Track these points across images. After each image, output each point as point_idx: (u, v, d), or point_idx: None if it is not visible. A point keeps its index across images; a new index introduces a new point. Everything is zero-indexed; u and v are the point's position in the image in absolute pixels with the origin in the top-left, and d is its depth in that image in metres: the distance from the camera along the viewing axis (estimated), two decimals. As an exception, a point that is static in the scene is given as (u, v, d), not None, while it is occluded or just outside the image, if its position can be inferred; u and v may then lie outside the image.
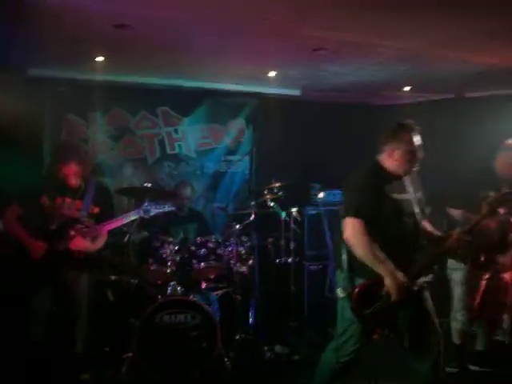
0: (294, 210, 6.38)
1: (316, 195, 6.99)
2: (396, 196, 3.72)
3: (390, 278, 3.56)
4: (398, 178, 3.80)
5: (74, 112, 6.82)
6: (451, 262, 5.12)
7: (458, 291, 5.11)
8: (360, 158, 7.04)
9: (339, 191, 6.99)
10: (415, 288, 3.71)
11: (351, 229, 3.66)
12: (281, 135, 7.69)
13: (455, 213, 4.93)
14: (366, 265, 3.61)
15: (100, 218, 4.83)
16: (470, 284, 5.01)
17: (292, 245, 6.38)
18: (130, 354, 5.07)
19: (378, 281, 3.60)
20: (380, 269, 3.58)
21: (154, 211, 4.94)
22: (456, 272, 5.10)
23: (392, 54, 5.49)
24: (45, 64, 6.06)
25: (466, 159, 5.07)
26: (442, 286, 6.25)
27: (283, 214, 6.29)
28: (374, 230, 3.61)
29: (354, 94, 7.68)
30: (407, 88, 7.31)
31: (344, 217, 3.72)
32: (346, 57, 5.66)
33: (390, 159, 3.79)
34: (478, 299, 5.02)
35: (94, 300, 5.26)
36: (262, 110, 7.75)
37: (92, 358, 5.24)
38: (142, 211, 4.88)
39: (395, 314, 3.67)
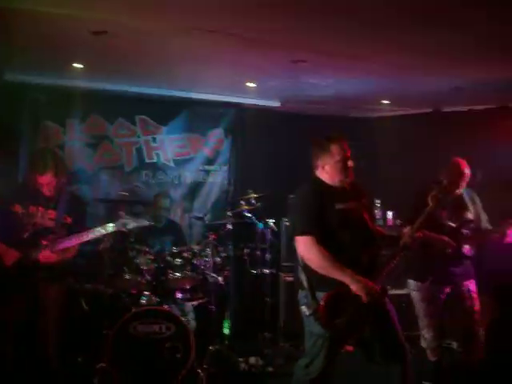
0: (270, 221, 6.39)
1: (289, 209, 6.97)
2: (340, 206, 3.76)
3: (354, 281, 3.57)
4: (337, 188, 3.85)
5: (52, 118, 6.73)
6: (410, 282, 5.16)
7: (420, 310, 5.14)
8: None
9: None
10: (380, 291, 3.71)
11: (302, 246, 3.71)
12: (260, 146, 7.69)
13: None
14: (325, 278, 3.63)
15: (72, 229, 4.74)
16: (431, 301, 5.04)
17: (268, 256, 6.39)
18: (103, 365, 5.01)
19: (340, 291, 3.60)
20: (341, 276, 3.59)
21: (131, 225, 4.88)
22: (415, 291, 5.14)
23: (371, 68, 5.52)
24: (23, 70, 6.01)
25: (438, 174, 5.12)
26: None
27: (260, 225, 6.29)
28: (326, 243, 3.64)
29: (334, 106, 7.71)
30: (386, 101, 7.35)
31: (293, 237, 3.79)
32: (326, 69, 5.69)
33: (323, 173, 3.87)
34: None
35: (67, 310, 5.20)
36: (241, 120, 7.75)
37: (65, 369, 5.17)
38: (120, 224, 4.82)
39: (363, 324, 3.67)
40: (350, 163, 3.84)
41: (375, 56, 5.14)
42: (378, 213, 6.74)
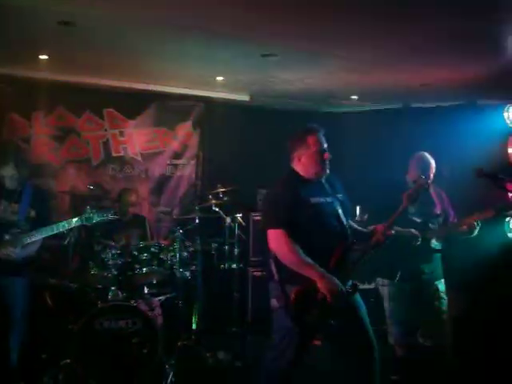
0: (238, 215, 6.37)
1: (262, 201, 6.96)
2: (314, 200, 3.76)
3: (322, 281, 3.56)
4: (312, 181, 3.85)
5: (17, 111, 6.63)
6: (379, 279, 5.20)
7: (387, 307, 5.18)
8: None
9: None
10: (347, 287, 3.71)
11: (273, 239, 3.69)
12: (229, 140, 7.66)
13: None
14: (296, 272, 3.61)
15: (36, 222, 4.68)
16: (399, 298, 5.08)
17: (236, 250, 6.37)
18: (68, 361, 4.95)
19: (310, 285, 3.58)
20: (310, 273, 3.58)
21: (96, 219, 4.81)
22: (383, 288, 5.18)
23: (341, 63, 5.54)
24: (-14, 60, 5.90)
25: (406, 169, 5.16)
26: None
27: (228, 220, 6.27)
28: (298, 237, 3.63)
29: (303, 101, 7.71)
30: (355, 97, 7.38)
31: (264, 229, 3.77)
32: (295, 64, 5.68)
33: (299, 165, 3.86)
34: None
35: (31, 304, 5.13)
36: (209, 114, 7.71)
37: (28, 366, 5.10)
38: (84, 218, 4.76)
39: (332, 319, 3.66)
40: (327, 155, 3.84)
41: (345, 53, 5.15)
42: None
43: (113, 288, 5.31)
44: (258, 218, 6.83)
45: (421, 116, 7.42)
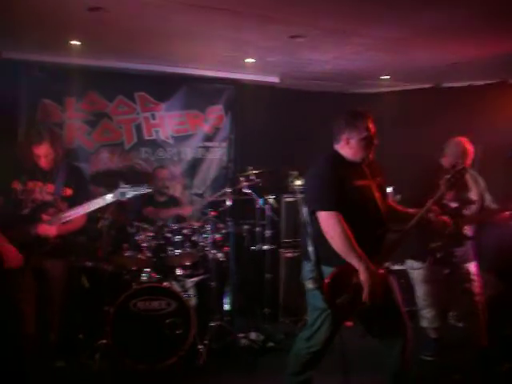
0: (270, 197, 6.39)
1: (293, 183, 6.97)
2: (357, 183, 3.74)
3: (365, 273, 3.54)
4: (356, 165, 3.83)
5: (50, 96, 6.72)
6: (410, 262, 5.17)
7: (420, 290, 5.16)
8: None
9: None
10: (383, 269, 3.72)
11: (327, 221, 3.64)
12: (259, 122, 7.66)
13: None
14: (333, 254, 3.60)
15: (74, 200, 4.68)
16: (431, 281, 5.06)
17: (268, 232, 6.40)
18: (104, 341, 5.06)
19: (346, 269, 3.59)
20: (355, 262, 3.57)
21: (130, 194, 4.78)
22: (414, 271, 5.16)
23: (370, 43, 5.49)
24: (20, 47, 5.98)
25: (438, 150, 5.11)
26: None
27: (260, 202, 6.29)
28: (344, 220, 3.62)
29: (333, 82, 7.67)
30: (385, 77, 7.32)
31: (312, 209, 3.74)
32: (325, 45, 5.65)
33: (346, 147, 3.83)
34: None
35: (68, 286, 5.23)
36: (240, 96, 7.71)
37: (66, 345, 5.22)
38: (118, 193, 4.76)
39: (366, 302, 3.67)
40: (376, 141, 3.83)
41: (374, 31, 5.10)
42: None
43: (147, 270, 5.40)
44: (290, 199, 6.85)
45: (452, 95, 7.32)
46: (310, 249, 3.72)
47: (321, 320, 3.76)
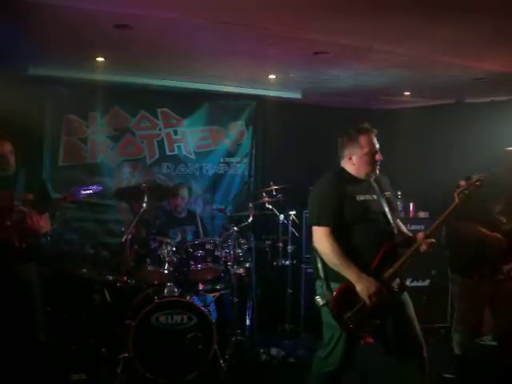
0: (292, 212, 6.40)
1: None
2: (361, 197, 3.74)
3: (359, 283, 3.56)
4: (362, 180, 3.83)
5: (74, 111, 6.82)
6: (453, 275, 5.10)
7: (459, 305, 5.09)
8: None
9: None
10: (394, 288, 3.70)
11: (317, 236, 3.72)
12: (281, 138, 7.70)
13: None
14: None
15: (35, 204, 4.60)
16: (473, 299, 4.97)
17: (290, 247, 6.40)
18: (126, 355, 5.07)
19: (353, 284, 3.60)
20: (348, 274, 3.59)
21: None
22: (454, 286, 5.10)
23: (392, 59, 5.50)
24: (46, 63, 6.06)
25: (460, 166, 5.07)
26: (441, 292, 6.27)
27: (281, 217, 6.30)
28: (344, 234, 3.65)
29: (355, 98, 7.68)
30: (407, 93, 7.32)
31: (310, 225, 3.79)
32: (347, 61, 5.67)
33: (350, 164, 3.84)
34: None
35: (90, 300, 5.28)
36: (262, 112, 7.77)
37: (88, 358, 5.25)
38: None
39: (377, 317, 3.65)
40: (378, 157, 3.82)
41: (399, 48, 5.11)
42: (399, 204, 6.70)
43: (169, 284, 5.41)
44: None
45: (474, 111, 7.29)
46: (319, 265, 3.75)
47: (336, 338, 3.75)
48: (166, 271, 5.44)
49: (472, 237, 4.68)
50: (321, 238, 3.68)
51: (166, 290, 5.38)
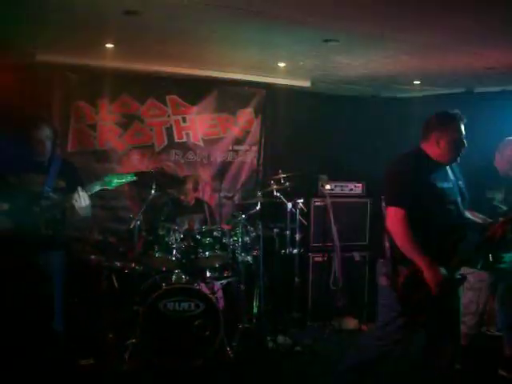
0: (300, 201, 6.39)
1: (323, 187, 6.95)
2: (440, 184, 3.72)
3: (429, 271, 3.54)
4: (441, 166, 3.80)
5: (83, 98, 6.80)
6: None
7: (466, 297, 5.09)
8: (368, 151, 7.04)
9: (346, 183, 7.00)
10: (457, 277, 3.70)
11: (391, 218, 3.67)
12: (289, 126, 7.67)
13: None
14: None
15: (67, 192, 4.63)
16: (479, 289, 4.98)
17: (297, 236, 6.40)
18: (133, 341, 5.10)
19: (419, 269, 3.58)
20: (418, 260, 3.56)
21: (115, 182, 4.68)
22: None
23: (403, 48, 5.45)
24: (54, 50, 6.04)
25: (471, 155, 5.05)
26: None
27: (289, 205, 6.29)
28: (418, 219, 3.60)
29: (364, 87, 7.64)
30: (417, 81, 7.27)
31: (386, 205, 3.75)
32: (357, 49, 5.63)
33: (434, 147, 3.79)
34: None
35: (98, 286, 5.29)
36: (271, 100, 7.73)
37: (96, 344, 5.28)
38: (104, 182, 4.64)
39: (435, 305, 3.63)
40: (465, 145, 3.81)
41: (407, 36, 5.07)
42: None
43: (176, 271, 5.44)
44: (319, 203, 6.84)
45: (485, 101, 7.23)
46: (386, 245, 3.73)
47: (393, 321, 3.73)
48: (173, 258, 5.46)
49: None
50: (395, 219, 3.64)
51: (173, 277, 5.41)
